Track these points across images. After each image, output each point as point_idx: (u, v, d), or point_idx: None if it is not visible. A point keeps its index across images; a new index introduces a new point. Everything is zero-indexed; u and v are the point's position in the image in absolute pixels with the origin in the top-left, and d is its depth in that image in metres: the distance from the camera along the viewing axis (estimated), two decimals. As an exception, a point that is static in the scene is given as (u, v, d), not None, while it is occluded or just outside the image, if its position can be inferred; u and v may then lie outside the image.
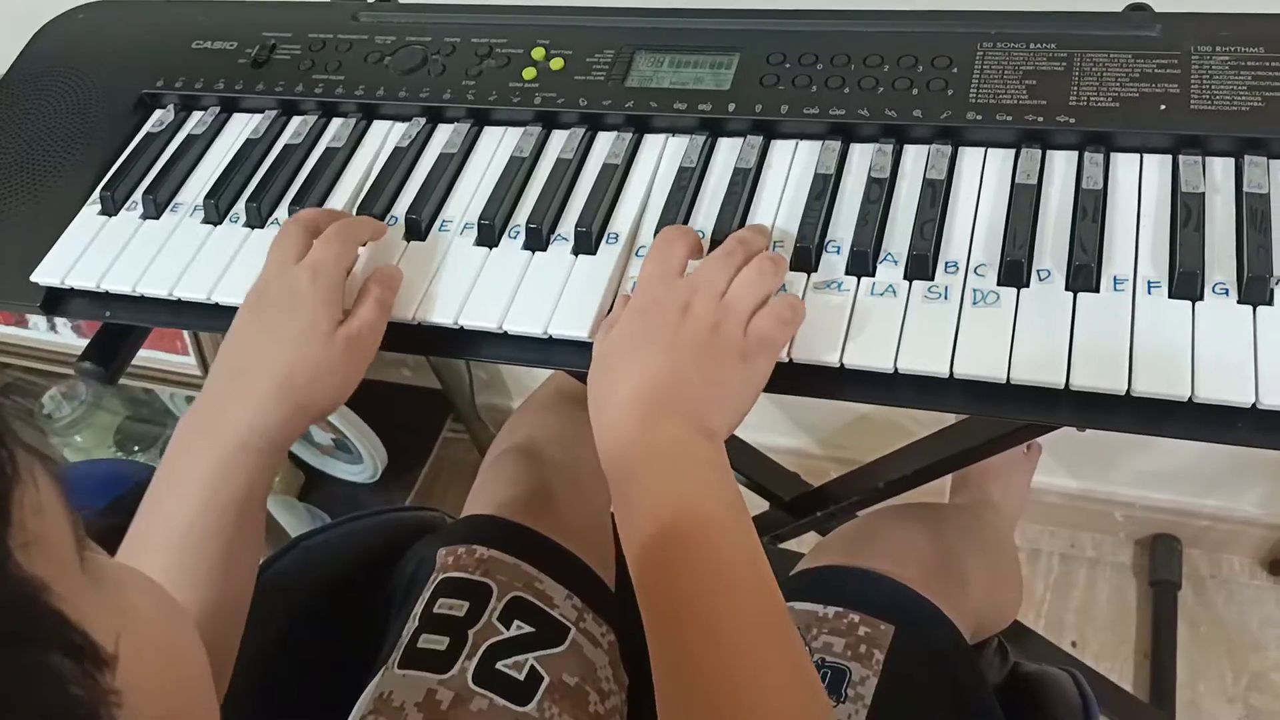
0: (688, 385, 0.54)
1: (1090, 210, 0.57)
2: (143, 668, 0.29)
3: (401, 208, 0.68)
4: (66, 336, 1.37)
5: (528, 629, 0.68)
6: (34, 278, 0.69)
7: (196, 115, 0.77)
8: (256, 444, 0.58)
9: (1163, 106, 0.59)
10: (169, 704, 0.33)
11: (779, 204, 0.63)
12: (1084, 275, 0.55)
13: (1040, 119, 0.60)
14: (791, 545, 1.24)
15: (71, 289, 0.70)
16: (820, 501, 1.06)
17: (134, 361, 0.98)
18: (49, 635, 0.25)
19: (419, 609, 0.71)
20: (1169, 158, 0.59)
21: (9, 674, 0.24)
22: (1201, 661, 1.38)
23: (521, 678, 0.66)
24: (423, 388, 1.62)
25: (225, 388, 0.60)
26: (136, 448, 1.54)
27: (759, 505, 1.16)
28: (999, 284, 0.56)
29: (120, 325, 0.73)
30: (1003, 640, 0.81)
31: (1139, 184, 0.58)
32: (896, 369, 0.54)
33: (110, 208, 0.72)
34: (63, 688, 0.25)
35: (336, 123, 0.74)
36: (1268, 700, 1.34)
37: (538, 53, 0.71)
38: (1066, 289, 0.55)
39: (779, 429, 1.54)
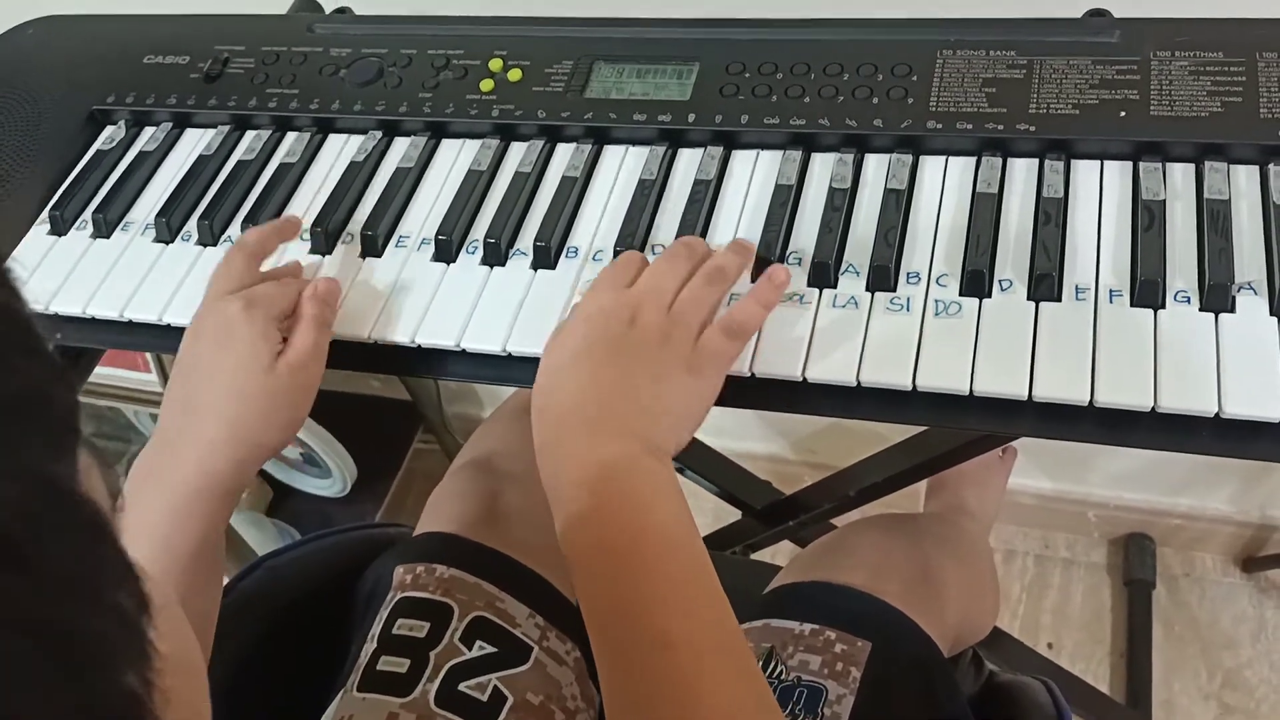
0: (632, 399, 0.52)
1: (1051, 219, 0.56)
2: (170, 678, 0.30)
3: (358, 223, 0.67)
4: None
5: (490, 649, 0.67)
6: (-19, 300, 0.68)
7: (148, 131, 0.75)
8: (209, 490, 0.56)
9: (1123, 113, 0.59)
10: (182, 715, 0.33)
11: (740, 215, 0.62)
12: (1046, 285, 0.54)
13: (1000, 127, 0.60)
14: (765, 554, 1.24)
15: (20, 311, 0.68)
16: (792, 510, 1.05)
17: (95, 379, 0.96)
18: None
19: (377, 630, 0.69)
20: (1129, 164, 0.59)
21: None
22: (1176, 660, 1.38)
23: (485, 699, 0.64)
24: (392, 399, 1.61)
25: (174, 429, 0.57)
26: (101, 465, 1.52)
27: (731, 514, 1.16)
28: (961, 294, 0.55)
29: (72, 347, 0.71)
30: (977, 650, 0.81)
31: (1099, 191, 0.58)
32: (859, 382, 0.54)
33: (60, 227, 0.70)
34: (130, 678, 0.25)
35: (291, 137, 0.73)
36: (1241, 698, 1.34)
37: (495, 64, 0.70)
38: (1029, 299, 0.54)
39: (751, 434, 1.54)
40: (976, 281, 0.55)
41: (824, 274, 0.57)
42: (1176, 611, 1.42)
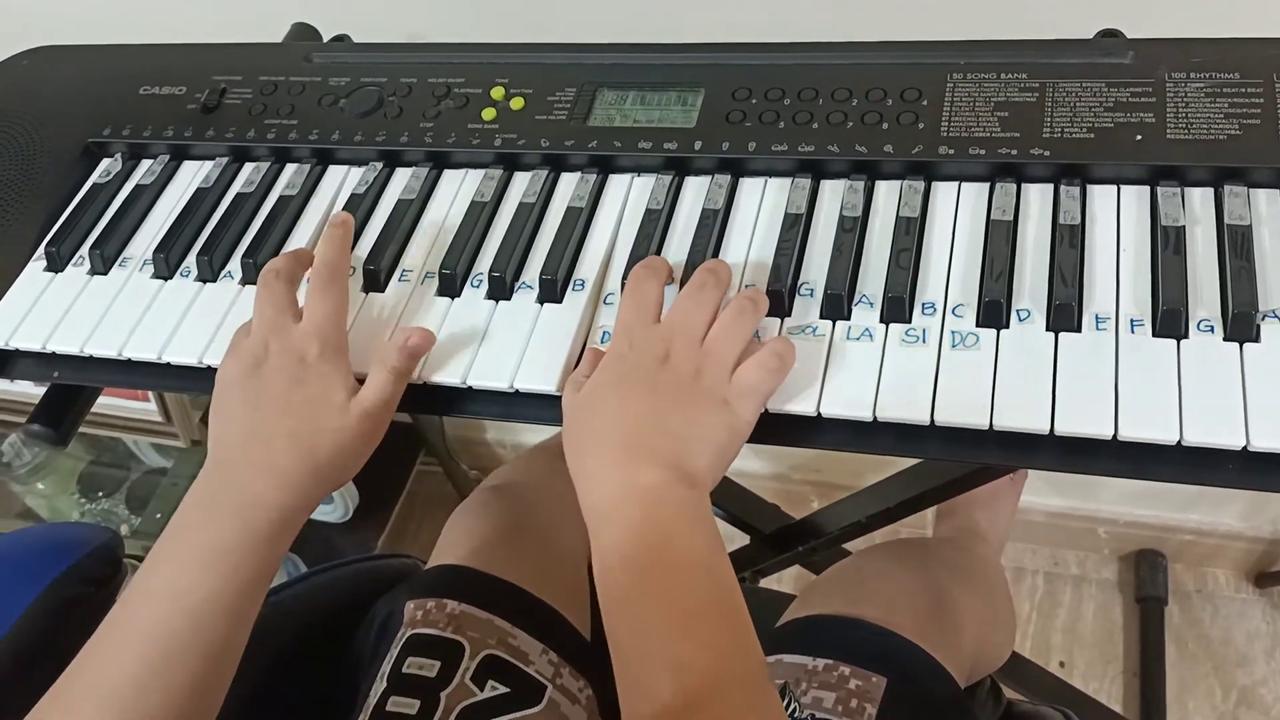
0: (669, 431, 0.52)
1: (1069, 246, 0.55)
2: None
3: (359, 257, 0.65)
4: (24, 384, 1.33)
5: (502, 689, 0.66)
6: (-23, 340, 0.66)
7: (145, 164, 0.74)
8: (283, 521, 0.56)
9: (1139, 136, 0.58)
10: None
11: (749, 245, 0.61)
12: (1065, 315, 0.53)
13: (1014, 152, 0.59)
14: (773, 580, 1.23)
15: (17, 350, 0.67)
16: (802, 535, 1.03)
17: (96, 409, 0.95)
18: None
19: (387, 668, 0.68)
20: (1147, 189, 0.57)
21: None
22: (1190, 678, 1.37)
23: None
24: (394, 422, 1.59)
25: (242, 460, 0.57)
26: (100, 493, 1.51)
27: (739, 539, 1.14)
28: (978, 325, 0.54)
29: (70, 385, 0.70)
30: (995, 680, 0.79)
31: (1117, 217, 0.57)
32: (875, 417, 0.52)
33: (56, 264, 0.69)
34: None
35: (290, 169, 0.71)
36: (1257, 716, 1.33)
37: (497, 92, 0.69)
38: (1047, 329, 0.53)
39: (756, 453, 1.53)
40: (994, 312, 0.54)
41: (837, 306, 0.56)
42: (1189, 628, 1.41)
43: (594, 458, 0.53)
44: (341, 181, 0.70)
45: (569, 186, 0.66)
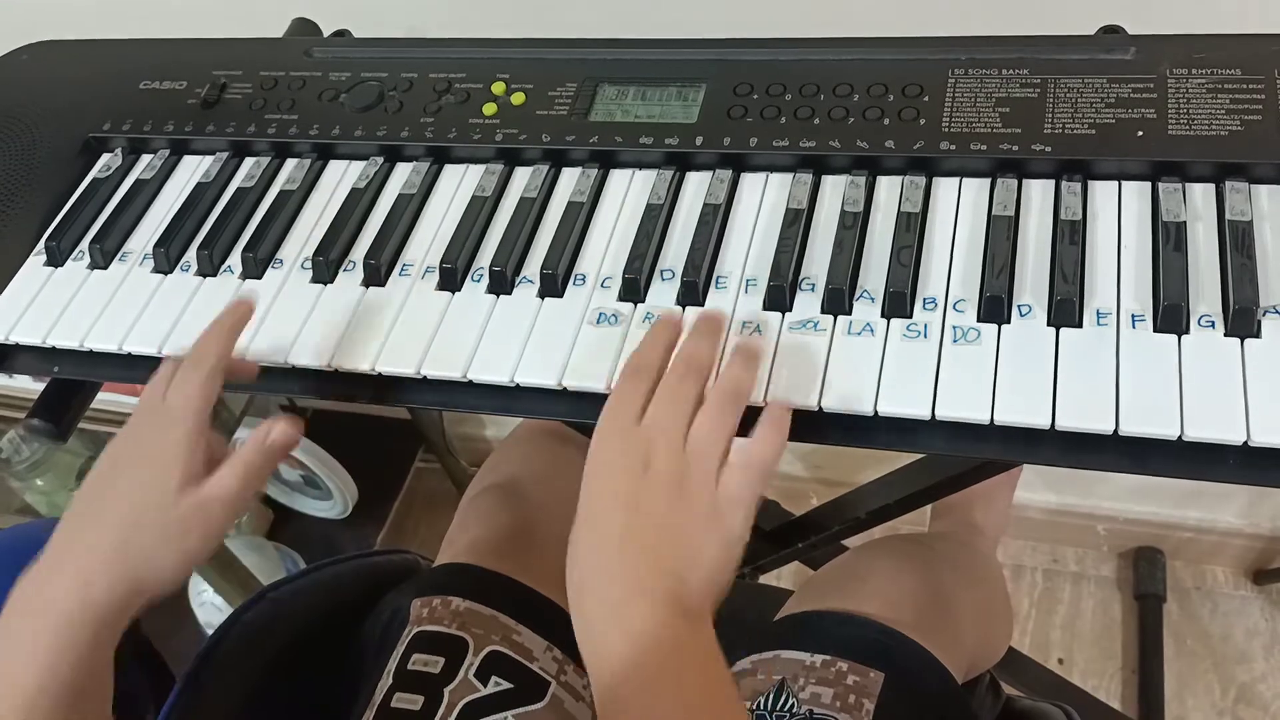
0: (659, 561, 0.48)
1: (1070, 242, 0.55)
2: None
3: (360, 251, 0.65)
4: (24, 379, 1.33)
5: (506, 685, 0.66)
6: (-24, 334, 0.66)
7: (145, 159, 0.74)
8: (84, 621, 0.51)
9: (1140, 132, 0.58)
10: None
11: (750, 240, 0.61)
12: (1066, 310, 0.53)
13: (1015, 148, 0.59)
14: (772, 576, 1.23)
15: (17, 344, 0.67)
16: (802, 532, 1.03)
17: (95, 404, 0.95)
18: None
19: (392, 665, 0.68)
20: (1148, 185, 0.57)
21: None
22: (1189, 675, 1.37)
23: None
24: (392, 418, 1.59)
25: (64, 541, 0.53)
26: (100, 489, 1.50)
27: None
28: (979, 320, 0.54)
29: (70, 380, 0.70)
30: (994, 676, 0.79)
31: (1118, 213, 0.57)
32: (876, 413, 0.52)
33: (56, 258, 0.69)
34: None
35: (290, 163, 0.71)
36: (1256, 713, 1.33)
37: (498, 87, 0.69)
38: (1048, 324, 0.53)
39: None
40: (995, 307, 0.54)
41: (838, 301, 0.56)
42: (1188, 625, 1.41)
43: (586, 594, 0.50)
44: (342, 176, 0.70)
45: (570, 182, 0.66)
